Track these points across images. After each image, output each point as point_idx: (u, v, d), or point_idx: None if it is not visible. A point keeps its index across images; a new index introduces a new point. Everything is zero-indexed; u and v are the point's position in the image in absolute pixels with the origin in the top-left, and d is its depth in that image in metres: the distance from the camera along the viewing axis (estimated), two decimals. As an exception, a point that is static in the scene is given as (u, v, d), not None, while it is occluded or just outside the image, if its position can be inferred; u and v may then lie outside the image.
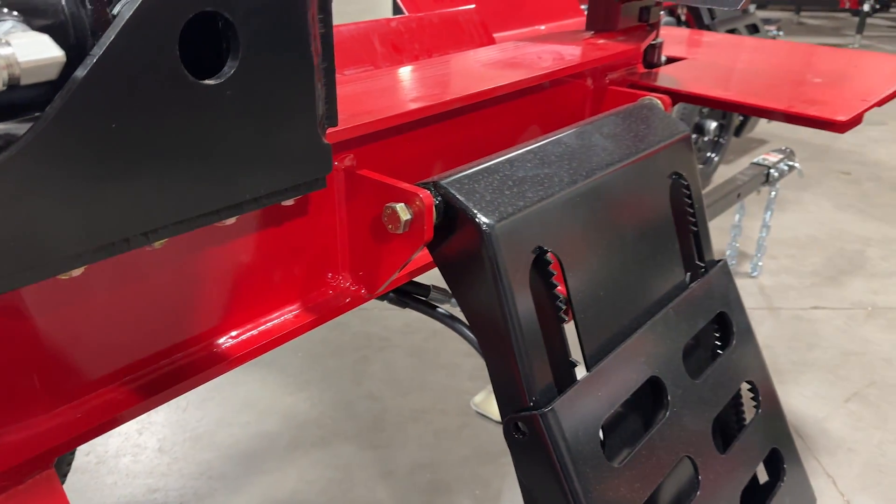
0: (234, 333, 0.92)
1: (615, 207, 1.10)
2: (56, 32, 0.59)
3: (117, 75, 0.55)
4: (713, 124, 3.38)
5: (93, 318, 0.76)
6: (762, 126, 4.24)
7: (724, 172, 3.38)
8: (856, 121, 1.33)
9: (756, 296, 2.68)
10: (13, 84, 0.54)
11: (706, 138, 3.42)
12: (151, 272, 0.79)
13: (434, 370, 2.20)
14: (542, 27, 1.99)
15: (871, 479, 1.79)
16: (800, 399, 2.09)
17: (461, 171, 0.95)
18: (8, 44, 0.53)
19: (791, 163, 2.56)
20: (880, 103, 1.48)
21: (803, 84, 1.51)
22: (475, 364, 2.23)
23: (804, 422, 2.00)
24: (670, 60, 1.69)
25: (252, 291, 0.91)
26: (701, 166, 3.50)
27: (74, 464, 1.68)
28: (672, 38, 1.94)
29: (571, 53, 1.34)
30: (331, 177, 0.96)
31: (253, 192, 0.71)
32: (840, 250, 3.07)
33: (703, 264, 1.28)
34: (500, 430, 1.90)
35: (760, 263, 2.80)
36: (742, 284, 2.77)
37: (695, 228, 1.26)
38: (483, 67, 1.24)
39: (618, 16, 1.47)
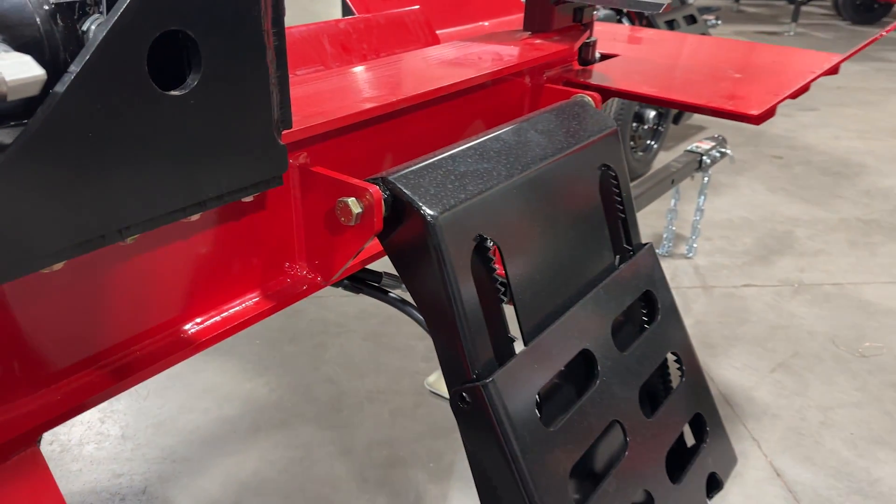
0: (198, 320, 0.99)
1: (549, 197, 1.20)
2: (32, 48, 0.66)
3: (92, 90, 0.62)
4: (652, 113, 3.53)
5: (69, 308, 0.83)
6: (699, 114, 4.42)
7: (663, 158, 3.53)
8: (768, 113, 1.46)
9: (691, 275, 2.84)
10: (0, 100, 0.61)
11: (646, 126, 3.58)
12: (122, 265, 0.86)
13: (389, 353, 2.29)
14: (486, 23, 2.08)
15: (792, 442, 1.96)
16: (730, 370, 2.25)
17: (408, 167, 1.04)
18: (-4, 63, 0.60)
19: (723, 149, 2.72)
20: (793, 96, 1.62)
21: (724, 79, 1.64)
22: (428, 346, 2.33)
23: (733, 391, 2.16)
24: (605, 57, 1.81)
25: (215, 281, 0.99)
26: (641, 153, 3.66)
27: (40, 452, 1.72)
28: (607, 34, 2.06)
29: (510, 54, 1.44)
30: (287, 174, 1.03)
31: (215, 190, 0.79)
32: (771, 231, 3.26)
33: (630, 247, 1.40)
34: (456, 423, 2.02)
35: (695, 245, 2.97)
36: (678, 265, 2.93)
37: (622, 215, 1.38)
38: (428, 68, 1.33)
39: (553, 17, 1.58)
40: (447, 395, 2.10)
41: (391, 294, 1.34)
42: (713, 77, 1.65)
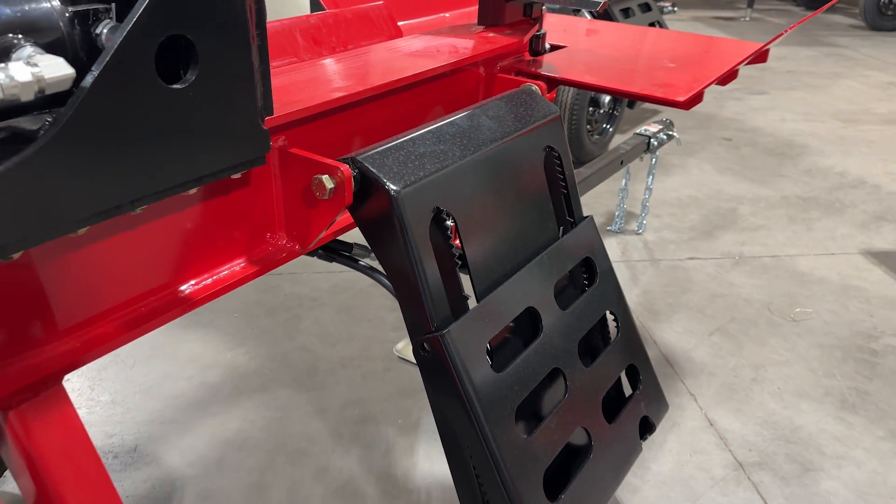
0: (193, 282, 1.15)
1: (499, 175, 1.38)
2: (57, 49, 0.82)
3: (112, 86, 0.77)
4: (607, 98, 3.72)
5: (87, 269, 0.98)
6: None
7: (619, 141, 3.73)
8: (696, 99, 1.65)
9: (640, 249, 3.05)
10: (40, 93, 0.76)
11: (601, 111, 3.77)
12: (131, 232, 1.01)
13: (360, 323, 2.46)
14: (447, 14, 2.24)
15: (724, 395, 2.18)
16: (672, 334, 2.47)
17: (374, 149, 1.20)
18: (36, 65, 0.75)
19: (669, 133, 2.92)
20: (721, 83, 1.81)
21: (659, 69, 1.82)
22: (397, 317, 2.51)
23: (674, 352, 2.37)
24: (554, 48, 1.98)
25: (207, 247, 1.14)
26: (597, 137, 3.85)
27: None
28: (559, 26, 2.23)
29: (465, 46, 1.61)
30: (268, 155, 1.19)
31: (210, 168, 0.94)
32: (716, 208, 3.49)
33: (573, 220, 1.58)
34: (418, 372, 2.20)
35: (645, 221, 3.17)
36: (629, 240, 3.14)
37: (565, 191, 1.56)
38: (393, 59, 1.49)
39: (504, 12, 1.74)
40: (415, 361, 2.28)
41: (361, 262, 1.51)
42: (649, 66, 1.83)
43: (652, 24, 4.14)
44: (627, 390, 1.61)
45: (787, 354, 2.38)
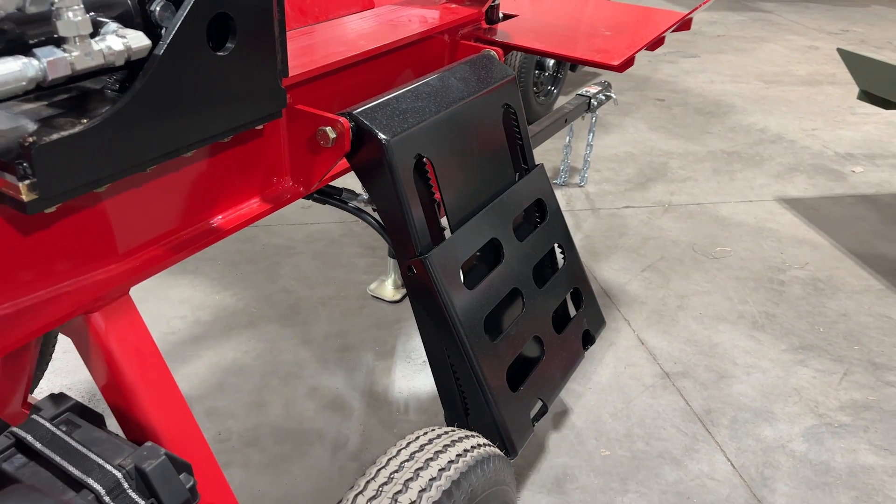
0: (220, 217, 1.39)
1: (466, 129, 1.65)
2: (126, 21, 1.05)
3: (177, 54, 1.01)
4: (551, 62, 4.01)
5: (146, 202, 1.21)
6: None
7: (563, 102, 4.03)
8: (628, 63, 1.94)
9: (583, 200, 3.38)
10: (128, 59, 0.99)
11: (546, 74, 4.06)
12: (179, 173, 1.25)
13: (335, 268, 2.72)
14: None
15: (653, 320, 2.53)
16: (610, 271, 2.81)
17: (366, 104, 1.46)
18: (124, 36, 0.99)
19: (608, 94, 3.23)
20: (650, 48, 2.11)
21: (597, 36, 2.11)
22: (368, 262, 2.77)
23: (612, 286, 2.71)
24: (507, 17, 2.24)
25: (231, 188, 1.38)
26: (543, 98, 4.14)
27: (60, 347, 2.06)
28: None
29: (433, 17, 1.86)
30: (278, 110, 1.43)
31: (244, 119, 1.19)
32: (650, 163, 3.84)
33: (526, 167, 1.87)
34: (391, 307, 2.48)
35: (586, 175, 3.50)
36: (572, 192, 3.47)
37: (520, 143, 1.84)
38: (372, 30, 1.73)
39: (465, -14, 1.99)
40: (387, 298, 2.58)
41: (350, 204, 1.77)
42: (589, 34, 2.12)
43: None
44: (572, 311, 1.92)
45: (708, 286, 2.75)
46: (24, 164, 0.88)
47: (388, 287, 2.55)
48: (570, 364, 1.83)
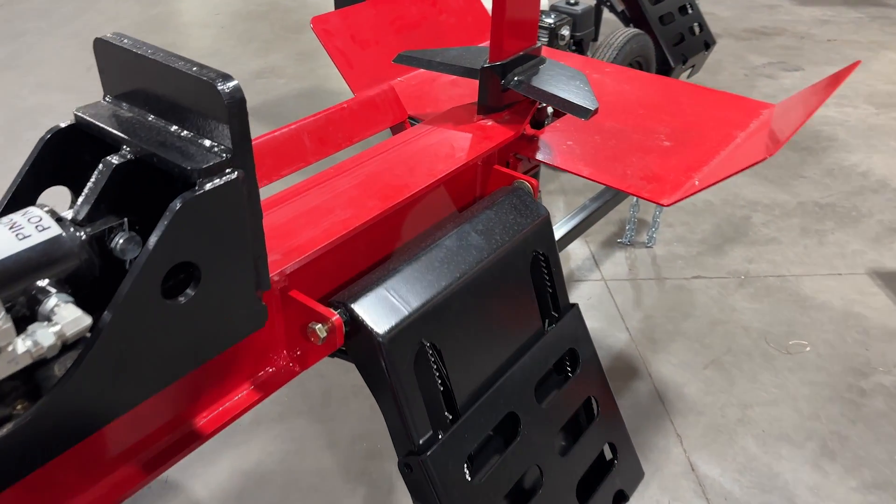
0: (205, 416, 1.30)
1: (484, 294, 1.49)
2: (77, 275, 0.95)
3: (129, 309, 0.91)
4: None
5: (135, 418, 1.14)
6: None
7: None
8: (678, 201, 1.68)
9: (648, 266, 3.12)
10: (63, 346, 0.90)
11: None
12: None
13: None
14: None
15: (709, 438, 2.31)
16: (667, 366, 2.59)
17: (363, 291, 1.33)
18: (56, 323, 0.89)
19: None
20: (707, 185, 1.74)
21: (652, 150, 1.84)
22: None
23: (667, 388, 2.50)
24: (557, 114, 2.01)
25: (216, 379, 1.29)
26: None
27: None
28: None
29: (463, 148, 1.66)
30: (270, 293, 1.32)
31: (218, 347, 1.10)
32: (729, 217, 3.52)
33: (557, 314, 1.68)
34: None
35: (655, 235, 3.22)
36: (638, 254, 3.20)
37: (551, 290, 1.66)
38: (392, 175, 1.54)
39: (502, 98, 1.79)
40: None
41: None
42: (642, 147, 1.85)
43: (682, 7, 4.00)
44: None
45: (776, 392, 2.49)
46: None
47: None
48: (595, 539, 1.67)
